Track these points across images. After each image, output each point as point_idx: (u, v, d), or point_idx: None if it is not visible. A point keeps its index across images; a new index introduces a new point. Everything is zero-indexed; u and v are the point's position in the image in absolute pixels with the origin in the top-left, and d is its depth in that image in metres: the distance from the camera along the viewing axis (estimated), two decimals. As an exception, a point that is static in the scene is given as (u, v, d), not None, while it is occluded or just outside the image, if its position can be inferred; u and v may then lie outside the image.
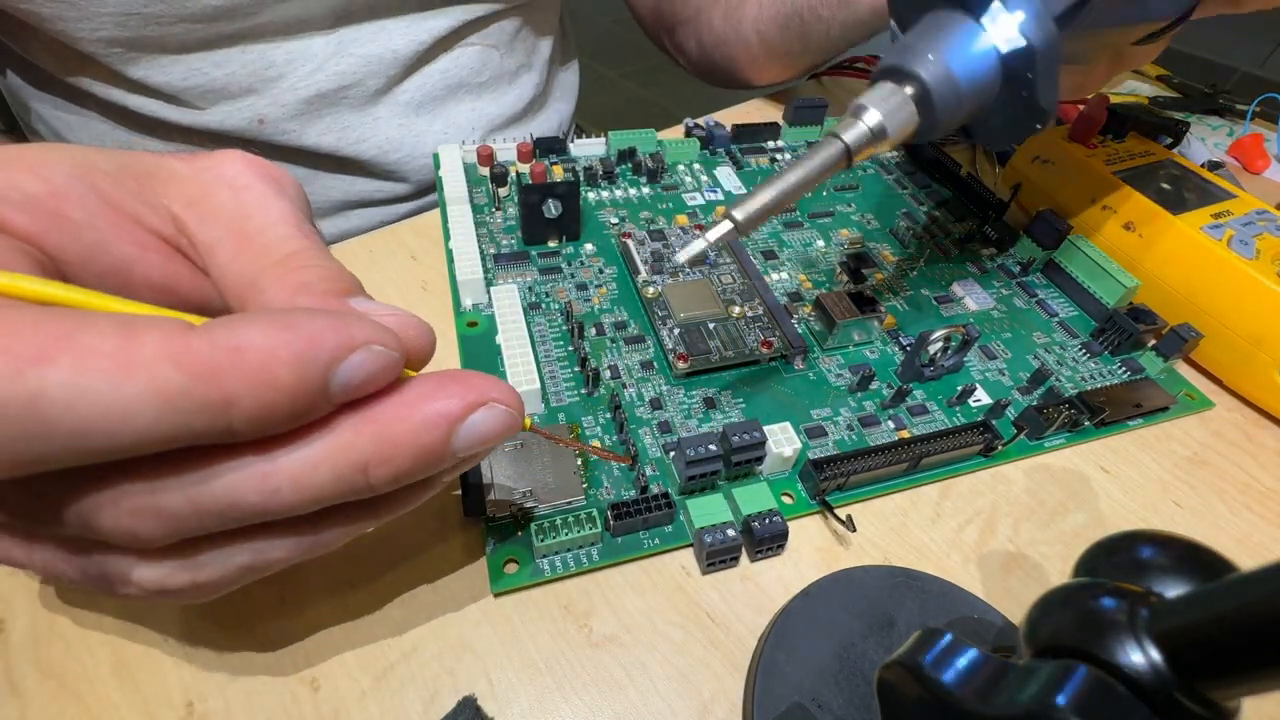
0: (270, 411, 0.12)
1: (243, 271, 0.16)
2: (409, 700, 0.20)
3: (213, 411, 0.12)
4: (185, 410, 0.12)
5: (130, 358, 0.11)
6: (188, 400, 0.12)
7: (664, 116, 1.68)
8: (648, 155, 0.38)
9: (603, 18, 1.99)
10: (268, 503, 0.13)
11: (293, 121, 0.36)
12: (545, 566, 0.22)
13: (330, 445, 0.14)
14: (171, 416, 0.12)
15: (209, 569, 0.15)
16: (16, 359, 0.11)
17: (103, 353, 0.11)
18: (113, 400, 0.11)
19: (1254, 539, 0.26)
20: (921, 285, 0.34)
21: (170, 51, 0.33)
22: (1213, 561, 0.14)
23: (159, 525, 0.13)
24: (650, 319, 0.30)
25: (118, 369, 0.11)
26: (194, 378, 0.12)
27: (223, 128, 0.35)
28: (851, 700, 0.19)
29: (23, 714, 0.18)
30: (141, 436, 0.12)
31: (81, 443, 0.11)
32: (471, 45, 0.41)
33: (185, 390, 0.12)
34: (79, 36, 0.31)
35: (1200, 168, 0.35)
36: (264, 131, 0.36)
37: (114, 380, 0.11)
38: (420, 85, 0.39)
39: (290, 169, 0.38)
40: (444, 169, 0.34)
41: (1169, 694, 0.12)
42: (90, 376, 0.11)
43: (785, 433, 0.24)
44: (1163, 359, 0.30)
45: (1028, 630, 0.14)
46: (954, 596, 0.22)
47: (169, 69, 0.33)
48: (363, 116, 0.38)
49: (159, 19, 0.31)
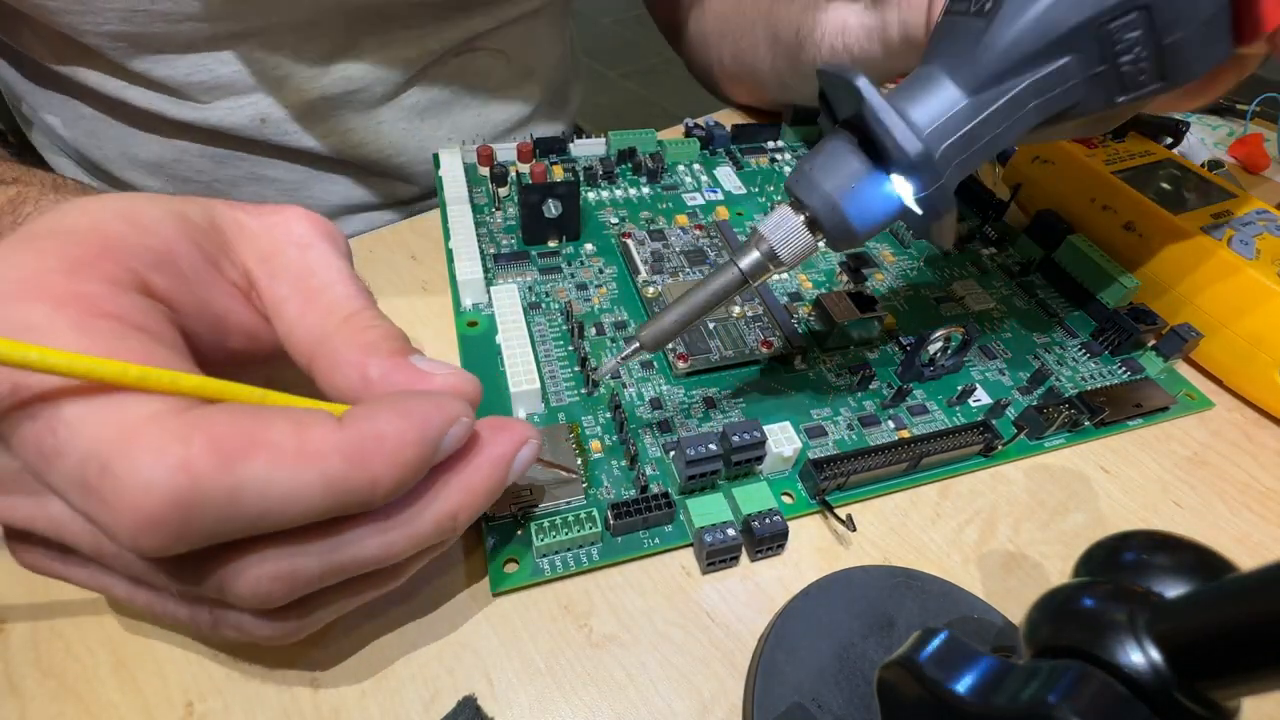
0: (400, 485, 0.15)
1: (310, 328, 0.18)
2: (409, 700, 0.19)
3: (363, 491, 0.14)
4: (344, 491, 0.14)
5: (305, 450, 0.14)
6: (347, 483, 0.14)
7: (664, 116, 1.67)
8: (648, 155, 0.38)
9: (603, 17, 1.99)
10: (384, 556, 0.16)
11: (295, 122, 0.36)
12: (545, 566, 0.22)
13: (432, 502, 0.16)
14: (333, 497, 0.14)
15: (315, 620, 0.17)
16: (225, 456, 0.13)
17: (285, 449, 0.13)
18: (292, 487, 0.13)
19: (1254, 539, 0.26)
20: (921, 285, 0.34)
21: (176, 49, 0.33)
22: (1213, 561, 0.14)
23: (289, 589, 0.15)
24: (650, 319, 0.30)
25: (298, 461, 0.13)
26: (351, 465, 0.14)
27: (223, 124, 0.35)
28: (851, 700, 0.19)
29: (23, 714, 0.18)
30: (305, 513, 0.14)
31: (259, 522, 0.13)
32: (479, 52, 0.40)
33: (345, 475, 0.14)
34: (84, 29, 0.31)
35: (1200, 168, 0.35)
36: (265, 131, 0.36)
37: (295, 471, 0.13)
38: (426, 91, 0.39)
39: (290, 170, 0.38)
40: (444, 169, 0.34)
41: (1169, 694, 0.12)
42: (278, 469, 0.13)
43: (785, 432, 0.24)
44: (1163, 359, 0.30)
45: (1028, 630, 0.14)
46: (954, 596, 0.22)
47: (173, 63, 0.33)
48: (366, 120, 0.38)
49: (166, 16, 0.31)
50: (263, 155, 0.37)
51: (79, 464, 0.12)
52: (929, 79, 0.18)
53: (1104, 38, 0.16)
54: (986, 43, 0.17)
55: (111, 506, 0.12)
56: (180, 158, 0.37)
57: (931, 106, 0.18)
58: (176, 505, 0.12)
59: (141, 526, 0.12)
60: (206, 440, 0.13)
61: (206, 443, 0.13)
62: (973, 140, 0.18)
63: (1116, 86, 0.17)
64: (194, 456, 0.12)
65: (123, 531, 0.12)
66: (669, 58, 0.53)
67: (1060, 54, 0.17)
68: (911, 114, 0.18)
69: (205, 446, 0.13)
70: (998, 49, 0.17)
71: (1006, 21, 0.17)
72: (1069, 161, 0.36)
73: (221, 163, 0.37)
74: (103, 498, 0.12)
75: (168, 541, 0.13)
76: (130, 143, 0.36)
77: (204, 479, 0.12)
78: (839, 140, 0.18)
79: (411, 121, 0.39)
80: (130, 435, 0.12)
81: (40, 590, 0.21)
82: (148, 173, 0.38)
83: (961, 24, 0.18)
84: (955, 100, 0.18)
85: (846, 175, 0.18)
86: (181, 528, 0.13)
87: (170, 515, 0.12)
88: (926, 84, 0.18)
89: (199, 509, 0.13)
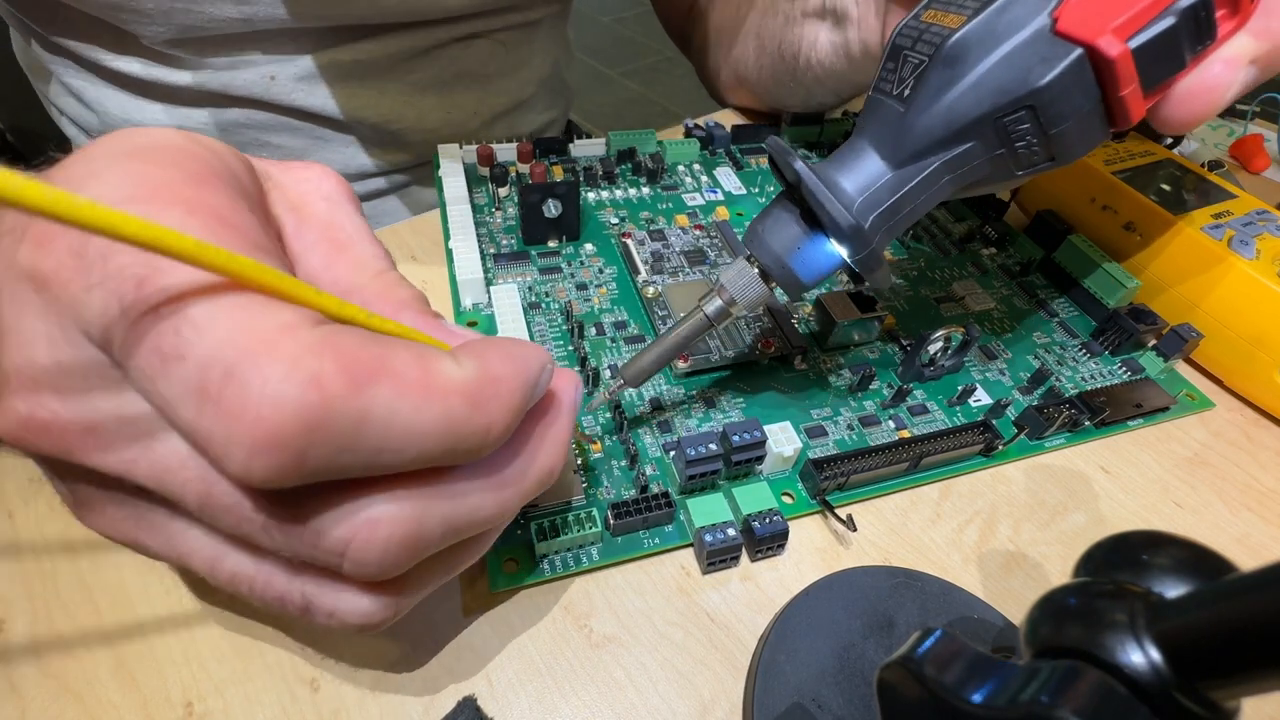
0: (507, 432, 0.14)
1: (338, 279, 0.17)
2: (409, 700, 0.19)
3: (477, 435, 0.14)
4: (461, 434, 0.13)
5: (430, 385, 0.13)
6: (466, 425, 0.13)
7: (664, 116, 1.68)
8: (648, 155, 0.38)
9: (603, 17, 1.99)
10: (498, 515, 0.15)
11: (302, 83, 0.37)
12: (545, 566, 0.22)
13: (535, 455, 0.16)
14: (450, 440, 0.13)
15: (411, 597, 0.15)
16: (356, 378, 0.12)
17: (411, 381, 0.12)
18: (414, 421, 0.12)
19: (1254, 539, 0.26)
20: (921, 285, 0.34)
21: (212, 43, 0.34)
22: (1213, 562, 0.14)
23: (412, 550, 0.14)
24: (650, 319, 0.30)
25: (422, 395, 0.13)
26: (472, 407, 0.13)
27: (231, 86, 0.36)
28: (851, 701, 0.19)
29: (22, 714, 0.18)
30: (419, 455, 0.13)
31: (375, 458, 0.12)
32: (482, 39, 0.41)
33: (466, 418, 0.13)
34: (123, 21, 0.32)
35: (1200, 168, 0.35)
36: (272, 89, 0.36)
37: (419, 405, 0.12)
38: (429, 69, 0.40)
39: (292, 138, 0.39)
40: (444, 169, 0.34)
41: (1169, 694, 0.12)
42: (402, 401, 0.12)
43: (785, 432, 0.24)
44: (1163, 359, 0.30)
45: (1028, 630, 0.14)
46: (954, 597, 0.22)
47: (199, 47, 0.34)
48: (369, 89, 0.39)
49: (207, 18, 0.32)
50: (270, 114, 0.38)
51: (200, 368, 0.11)
52: (860, 152, 0.21)
53: (1000, 129, 0.19)
54: (904, 126, 0.20)
55: (232, 417, 0.11)
56: (182, 124, 0.38)
57: (861, 178, 0.20)
58: (303, 424, 0.11)
59: (260, 444, 0.11)
60: (338, 358, 0.12)
61: (338, 361, 0.12)
62: (897, 210, 0.20)
63: (1014, 165, 0.20)
64: (327, 374, 0.11)
65: (238, 449, 0.11)
66: (669, 57, 0.54)
67: (965, 140, 0.19)
68: (844, 184, 0.20)
69: (337, 365, 0.12)
70: (914, 133, 0.20)
71: (919, 111, 0.19)
72: (1069, 161, 0.36)
73: (225, 130, 0.38)
74: (223, 406, 0.11)
75: (285, 466, 0.11)
76: (130, 109, 0.37)
77: (334, 400, 0.11)
78: (784, 207, 0.21)
79: (412, 95, 0.40)
80: (261, 342, 0.11)
81: (40, 590, 0.21)
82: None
83: (885, 105, 0.20)
84: (881, 173, 0.20)
85: (791, 238, 0.21)
86: (302, 452, 0.11)
87: (294, 436, 0.11)
88: (858, 156, 0.21)
89: (323, 433, 0.11)
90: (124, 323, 0.12)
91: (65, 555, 0.21)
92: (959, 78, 0.19)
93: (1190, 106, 0.19)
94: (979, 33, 0.18)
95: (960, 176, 0.20)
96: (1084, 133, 0.19)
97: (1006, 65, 0.18)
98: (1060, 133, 0.18)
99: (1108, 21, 0.17)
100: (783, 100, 0.42)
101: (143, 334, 0.12)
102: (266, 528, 0.13)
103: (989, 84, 0.18)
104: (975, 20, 0.18)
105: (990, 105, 0.19)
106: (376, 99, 0.39)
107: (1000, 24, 0.18)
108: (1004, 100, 0.18)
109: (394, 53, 0.38)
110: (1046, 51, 0.18)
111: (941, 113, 0.19)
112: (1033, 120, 0.18)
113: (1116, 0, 0.18)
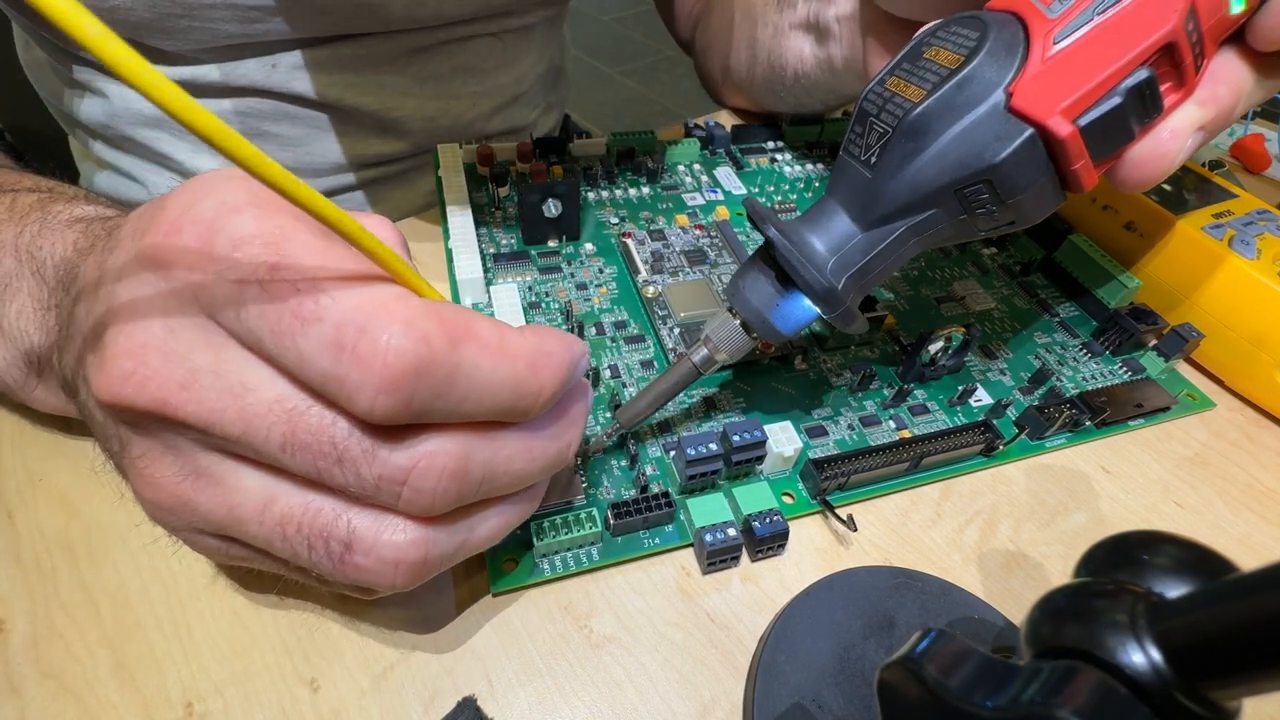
0: (553, 401, 0.17)
1: None
2: (409, 700, 0.19)
3: (531, 397, 0.16)
4: (521, 394, 0.16)
5: (505, 348, 0.16)
6: (525, 386, 0.16)
7: (664, 115, 1.68)
8: (648, 155, 0.38)
9: (603, 16, 1.99)
10: (527, 472, 0.18)
11: (302, 71, 0.37)
12: (545, 566, 0.22)
13: (566, 428, 0.18)
14: (512, 398, 0.16)
15: (436, 552, 0.17)
16: (452, 337, 0.15)
17: (491, 343, 0.15)
18: (491, 378, 0.15)
19: (1255, 539, 0.26)
20: (921, 285, 0.34)
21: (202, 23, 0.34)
22: (1214, 562, 0.14)
23: (460, 486, 0.16)
24: (650, 319, 0.30)
25: (498, 356, 0.16)
26: (532, 371, 0.16)
27: (232, 77, 0.36)
28: (852, 701, 0.19)
29: (22, 714, 0.18)
30: (490, 407, 0.16)
31: (459, 405, 0.15)
32: (481, 38, 0.42)
33: (527, 379, 0.16)
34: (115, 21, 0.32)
35: (1201, 167, 0.35)
36: (273, 77, 0.37)
37: (496, 364, 0.15)
38: (428, 64, 0.41)
39: (292, 126, 0.39)
40: (444, 169, 0.34)
41: (1170, 694, 0.12)
42: (484, 359, 0.15)
43: (786, 432, 0.24)
44: (1164, 359, 0.30)
45: (1028, 631, 0.14)
46: (955, 597, 0.22)
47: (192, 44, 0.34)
48: (368, 79, 0.39)
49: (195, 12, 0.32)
50: (270, 101, 0.38)
51: (336, 327, 0.14)
52: (831, 213, 0.21)
53: (961, 198, 0.20)
54: (872, 192, 0.20)
55: (364, 364, 0.14)
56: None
57: (832, 239, 0.21)
58: (416, 371, 0.14)
59: (385, 384, 0.14)
60: (440, 322, 0.15)
61: (440, 324, 0.15)
62: (868, 271, 0.21)
63: (977, 227, 0.21)
64: (432, 332, 0.14)
65: (368, 388, 0.14)
66: (668, 56, 0.54)
67: (930, 207, 0.20)
68: (816, 246, 0.21)
69: (439, 325, 0.15)
70: (881, 199, 0.20)
71: (885, 179, 0.20)
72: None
73: (224, 119, 0.38)
74: (357, 355, 0.14)
75: (400, 404, 0.14)
76: (130, 98, 0.37)
77: (438, 353, 0.14)
78: (760, 268, 0.22)
79: (411, 86, 0.41)
80: (384, 308, 0.14)
81: (40, 590, 0.21)
82: (151, 127, 0.38)
83: (854, 170, 0.21)
84: (852, 234, 0.21)
85: (769, 295, 0.22)
86: (412, 394, 0.14)
87: (408, 379, 0.14)
88: (829, 217, 0.21)
89: (428, 378, 0.14)
90: (258, 296, 0.14)
91: (65, 555, 0.21)
92: (920, 150, 0.19)
93: (1141, 172, 0.20)
94: (938, 108, 0.19)
95: (927, 239, 0.21)
96: (1039, 200, 0.20)
97: (964, 140, 0.19)
98: (1017, 201, 0.19)
99: (1057, 101, 0.18)
100: (776, 107, 0.43)
101: (281, 303, 0.14)
102: (342, 459, 0.15)
103: (949, 158, 0.19)
104: (934, 96, 0.19)
105: (950, 178, 0.19)
106: (376, 89, 0.39)
107: (958, 100, 0.19)
108: (963, 174, 0.19)
109: (394, 49, 0.38)
110: (1001, 129, 0.19)
111: (906, 182, 0.20)
112: (990, 191, 0.19)
113: (1067, 80, 0.18)
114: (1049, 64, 0.18)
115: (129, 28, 0.33)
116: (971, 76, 0.19)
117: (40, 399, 0.22)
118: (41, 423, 0.25)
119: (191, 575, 0.21)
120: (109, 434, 0.17)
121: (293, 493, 0.16)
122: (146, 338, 0.15)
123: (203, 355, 0.15)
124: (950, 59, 0.19)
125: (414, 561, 0.16)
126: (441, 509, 0.16)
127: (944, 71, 0.19)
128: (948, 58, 0.20)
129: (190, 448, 0.16)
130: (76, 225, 0.21)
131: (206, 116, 0.12)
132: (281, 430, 0.15)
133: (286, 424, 0.15)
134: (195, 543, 0.18)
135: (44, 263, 0.21)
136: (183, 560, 0.22)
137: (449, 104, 0.42)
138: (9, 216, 0.22)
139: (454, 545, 0.17)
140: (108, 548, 0.22)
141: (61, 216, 0.22)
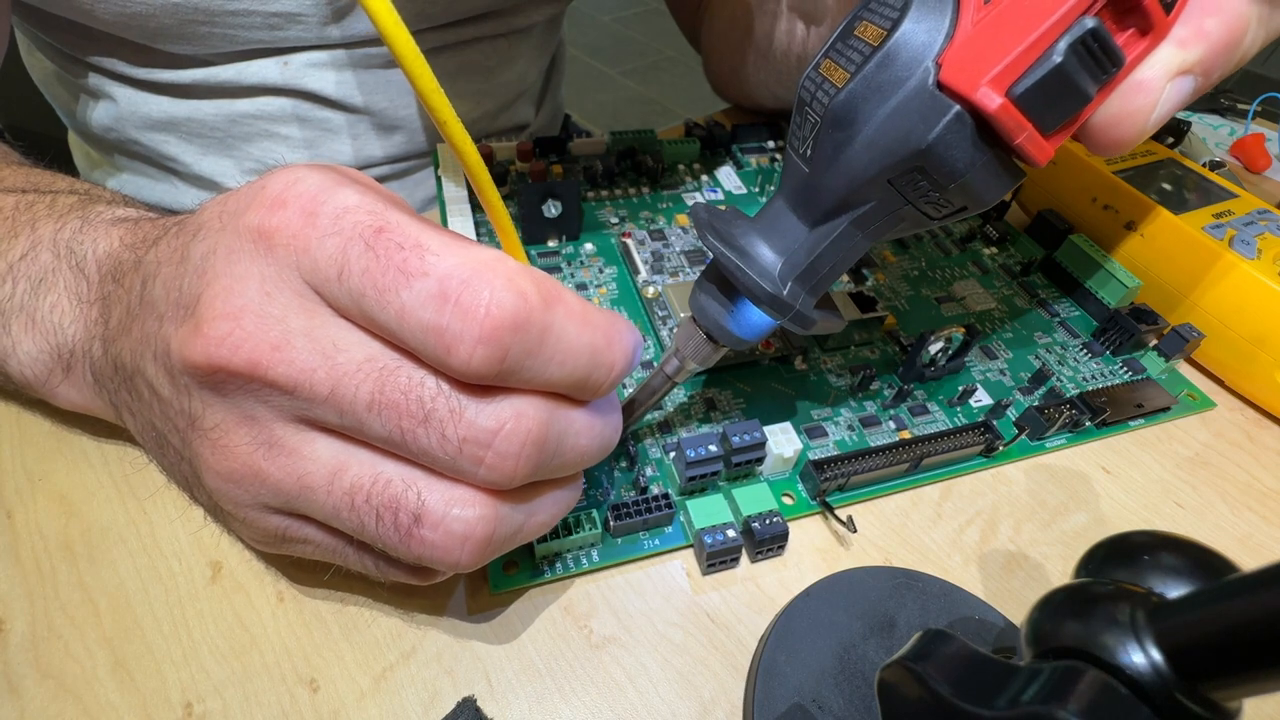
0: (620, 377, 0.18)
1: None
2: (409, 701, 0.19)
3: (603, 370, 0.17)
4: (596, 365, 0.17)
5: (588, 317, 0.16)
6: (600, 357, 0.17)
7: (664, 114, 1.68)
8: (648, 155, 0.37)
9: (603, 16, 1.99)
10: (587, 452, 0.18)
11: (314, 68, 0.38)
12: (545, 568, 0.22)
13: (613, 413, 0.19)
14: (588, 368, 0.16)
15: (504, 529, 0.17)
16: (545, 298, 0.15)
17: (576, 309, 0.16)
18: (575, 344, 0.16)
19: (1255, 539, 0.26)
20: (921, 285, 0.34)
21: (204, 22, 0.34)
22: (1214, 562, 0.14)
23: (536, 456, 0.16)
24: (650, 319, 0.30)
25: (582, 323, 0.16)
26: (608, 344, 0.17)
27: (245, 74, 0.36)
28: (852, 701, 0.19)
29: (21, 714, 0.18)
30: (570, 373, 0.16)
31: (545, 367, 0.16)
32: (485, 40, 0.42)
33: (602, 350, 0.17)
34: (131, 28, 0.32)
35: (1201, 167, 0.35)
36: (285, 74, 0.37)
37: (580, 330, 0.16)
38: (435, 63, 0.40)
39: (301, 128, 0.40)
40: (444, 169, 0.34)
41: (1170, 694, 0.12)
42: (570, 323, 0.16)
43: (785, 433, 0.24)
44: (1164, 359, 0.30)
45: (1029, 631, 0.14)
46: (955, 597, 0.22)
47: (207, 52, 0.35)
48: (375, 77, 0.39)
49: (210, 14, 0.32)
50: (281, 99, 0.38)
51: (440, 280, 0.15)
52: (779, 213, 0.20)
53: (899, 187, 0.18)
54: (811, 187, 0.19)
55: (468, 314, 0.14)
56: (193, 115, 0.38)
57: (781, 240, 0.20)
58: (515, 324, 0.15)
59: (486, 335, 0.14)
60: (536, 282, 0.15)
61: (536, 284, 0.15)
62: (816, 271, 0.20)
63: (926, 216, 0.19)
64: (529, 290, 0.15)
65: (469, 337, 0.14)
66: (669, 56, 0.54)
67: (868, 199, 0.19)
68: (762, 250, 0.20)
69: (535, 286, 0.15)
70: (820, 194, 0.19)
71: (820, 172, 0.19)
72: (1070, 161, 0.36)
73: (234, 121, 0.38)
74: (461, 305, 0.15)
75: (497, 356, 0.15)
76: (138, 101, 0.37)
77: (534, 309, 0.15)
78: (712, 276, 0.21)
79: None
80: (485, 265, 0.15)
81: (40, 590, 0.21)
82: (158, 130, 0.39)
83: (794, 165, 0.20)
84: (799, 233, 0.20)
85: (723, 305, 0.21)
86: (509, 347, 0.15)
87: (506, 332, 0.15)
88: (777, 217, 0.20)
89: (524, 334, 0.15)
90: (366, 255, 0.15)
91: (64, 555, 0.21)
92: (849, 140, 0.18)
93: (1112, 135, 0.18)
94: (862, 90, 0.17)
95: (875, 231, 0.20)
96: (988, 182, 0.17)
97: (890, 125, 0.17)
98: (961, 185, 0.17)
99: (984, 71, 0.16)
100: (784, 100, 0.43)
101: (386, 260, 0.15)
102: (428, 418, 0.15)
103: (877, 146, 0.17)
104: (856, 78, 0.17)
105: (879, 168, 0.17)
106: (385, 87, 0.40)
107: (882, 79, 0.17)
108: (891, 161, 0.17)
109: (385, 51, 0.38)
110: (926, 109, 0.16)
111: (840, 175, 0.18)
112: (926, 178, 0.17)
113: (996, 44, 0.16)
114: (980, 28, 0.16)
115: (146, 34, 0.33)
116: (894, 52, 0.17)
117: (63, 394, 0.22)
118: (41, 423, 0.25)
119: (191, 575, 0.21)
120: (176, 411, 0.17)
121: (365, 462, 0.16)
122: (244, 302, 0.15)
123: (297, 318, 0.16)
124: (875, 34, 0.17)
125: (481, 538, 0.17)
126: (520, 478, 0.16)
127: (868, 49, 0.17)
128: (873, 33, 0.17)
129: (268, 416, 0.16)
130: (122, 224, 0.21)
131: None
132: (370, 388, 0.15)
133: (376, 382, 0.15)
134: (256, 522, 0.18)
135: (84, 258, 0.21)
136: (183, 560, 0.22)
137: (453, 103, 0.42)
138: (49, 214, 0.22)
139: (515, 526, 0.18)
140: (107, 548, 0.22)
141: (104, 216, 0.22)
